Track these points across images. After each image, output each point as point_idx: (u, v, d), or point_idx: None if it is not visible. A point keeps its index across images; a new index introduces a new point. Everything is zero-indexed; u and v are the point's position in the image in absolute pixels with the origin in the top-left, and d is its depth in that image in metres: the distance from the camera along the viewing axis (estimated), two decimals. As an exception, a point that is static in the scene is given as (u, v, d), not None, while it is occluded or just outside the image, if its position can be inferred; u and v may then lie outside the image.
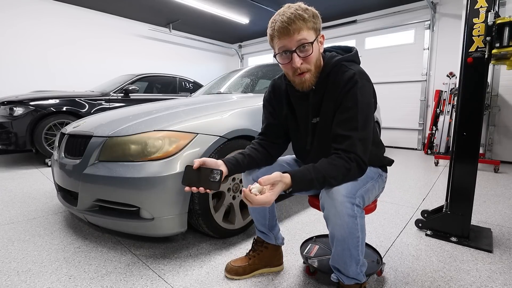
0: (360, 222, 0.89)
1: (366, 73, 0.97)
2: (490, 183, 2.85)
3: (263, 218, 1.22)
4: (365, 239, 0.93)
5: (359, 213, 0.89)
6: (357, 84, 0.91)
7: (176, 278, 1.25)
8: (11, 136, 3.30)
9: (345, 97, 0.93)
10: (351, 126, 0.91)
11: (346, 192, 0.88)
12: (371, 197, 1.03)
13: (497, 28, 1.40)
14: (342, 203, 0.86)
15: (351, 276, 0.96)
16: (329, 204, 0.88)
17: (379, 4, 5.20)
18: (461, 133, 1.57)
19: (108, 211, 1.44)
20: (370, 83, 0.97)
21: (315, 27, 0.92)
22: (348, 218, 0.86)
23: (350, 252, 0.90)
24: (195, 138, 1.42)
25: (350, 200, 0.87)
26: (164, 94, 4.72)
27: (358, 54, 1.04)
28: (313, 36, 0.91)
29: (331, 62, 0.98)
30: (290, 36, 0.89)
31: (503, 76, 3.86)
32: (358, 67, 0.98)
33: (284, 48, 0.92)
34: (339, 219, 0.86)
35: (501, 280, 1.23)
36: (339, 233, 0.88)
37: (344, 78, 0.93)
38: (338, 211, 0.86)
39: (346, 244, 0.89)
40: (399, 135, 5.42)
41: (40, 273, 1.27)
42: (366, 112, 0.92)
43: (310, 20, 0.90)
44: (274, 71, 2.66)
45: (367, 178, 1.00)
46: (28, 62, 4.78)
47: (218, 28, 6.70)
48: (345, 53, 1.04)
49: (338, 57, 0.99)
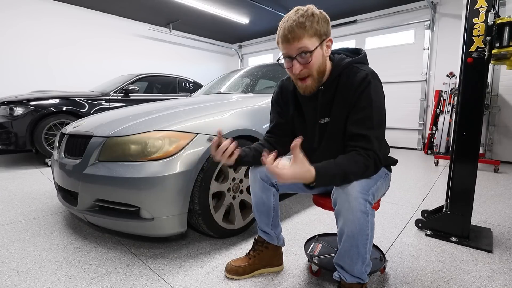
0: (371, 220, 0.90)
1: (377, 73, 0.98)
2: (490, 183, 2.85)
3: (267, 217, 1.22)
4: (373, 238, 0.94)
5: (371, 211, 0.90)
6: (371, 84, 0.93)
7: (176, 278, 1.25)
8: (11, 136, 3.30)
9: (360, 97, 0.94)
10: (367, 125, 0.92)
11: (361, 188, 0.89)
12: (379, 195, 1.04)
13: (497, 28, 1.40)
14: (356, 198, 0.87)
15: (356, 274, 0.96)
16: (343, 199, 0.89)
17: (379, 4, 5.20)
18: (461, 133, 1.57)
19: (108, 211, 1.44)
20: (381, 84, 0.99)
21: (319, 33, 0.92)
22: (361, 214, 0.87)
23: (358, 249, 0.91)
24: (195, 138, 1.42)
25: (364, 196, 0.88)
26: (164, 94, 4.72)
27: (366, 56, 1.06)
28: (315, 43, 0.92)
29: (342, 64, 0.99)
30: (291, 44, 0.92)
31: (503, 76, 3.86)
32: (369, 68, 0.99)
33: (286, 54, 0.95)
34: (351, 215, 0.87)
35: (501, 280, 1.23)
36: (349, 229, 0.89)
37: (357, 79, 0.95)
38: (351, 206, 0.87)
39: (355, 241, 0.90)
40: (399, 135, 5.42)
41: (40, 273, 1.27)
42: (380, 112, 0.94)
43: (313, 27, 0.90)
44: (274, 71, 2.66)
45: (377, 177, 1.00)
46: (28, 62, 4.78)
47: (218, 28, 6.70)
48: (353, 55, 1.05)
49: (348, 59, 1.00)
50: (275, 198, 1.21)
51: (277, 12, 5.34)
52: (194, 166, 1.37)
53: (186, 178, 1.35)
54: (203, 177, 1.41)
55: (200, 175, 1.41)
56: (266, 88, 2.50)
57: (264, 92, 2.42)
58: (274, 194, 1.20)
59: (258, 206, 1.21)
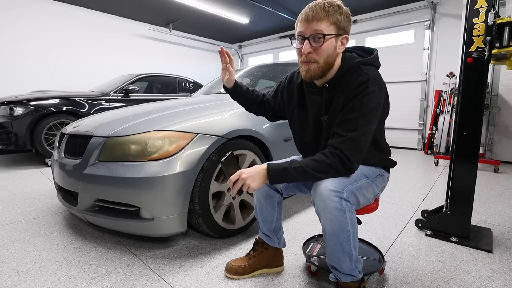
0: (350, 216, 0.90)
1: (380, 79, 0.97)
2: (490, 183, 2.85)
3: (270, 222, 1.22)
4: (357, 234, 0.94)
5: (348, 207, 0.90)
6: (367, 90, 0.92)
7: (176, 278, 1.25)
8: (11, 136, 3.30)
9: (352, 100, 0.94)
10: (347, 127, 0.93)
11: (333, 186, 0.89)
12: (367, 195, 1.03)
13: (497, 28, 1.40)
14: (328, 196, 0.88)
15: (346, 272, 0.97)
16: (317, 198, 0.91)
17: (379, 4, 5.20)
18: (461, 133, 1.57)
19: (108, 211, 1.44)
20: (382, 90, 0.97)
21: (338, 24, 0.93)
22: (336, 212, 0.88)
23: (342, 247, 0.92)
24: (195, 138, 1.42)
25: (337, 194, 0.88)
26: (164, 94, 4.72)
27: (378, 57, 1.05)
28: (332, 31, 0.93)
29: (350, 64, 0.99)
30: (309, 23, 0.93)
31: (503, 76, 3.86)
32: (374, 71, 0.98)
33: (301, 33, 0.96)
34: (327, 213, 0.89)
35: (501, 280, 1.23)
36: (329, 227, 0.90)
37: (357, 82, 0.94)
38: (326, 205, 0.88)
39: (337, 238, 0.91)
40: (399, 135, 5.42)
41: (40, 273, 1.27)
42: (368, 117, 0.93)
43: (334, 16, 0.92)
44: (274, 71, 2.66)
45: (360, 176, 1.00)
46: (28, 62, 4.78)
47: (218, 28, 6.70)
48: (366, 54, 1.04)
49: (358, 59, 0.99)
50: (279, 204, 1.22)
51: (277, 12, 5.34)
52: (194, 166, 1.37)
53: (186, 178, 1.35)
54: (203, 177, 1.41)
55: (200, 175, 1.41)
56: (266, 88, 2.50)
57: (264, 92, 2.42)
58: (278, 199, 1.21)
59: (261, 210, 1.22)
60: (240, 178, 0.93)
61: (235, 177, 0.93)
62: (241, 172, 0.94)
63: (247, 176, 0.92)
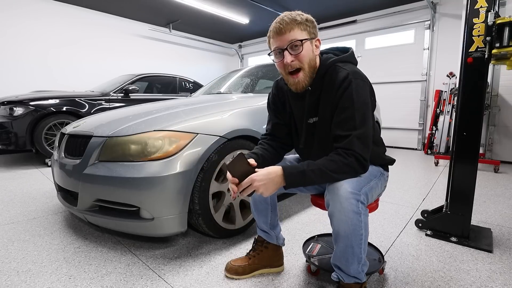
0: (364, 220, 0.90)
1: (361, 72, 0.98)
2: (490, 183, 2.85)
3: (265, 216, 1.22)
4: (368, 237, 0.94)
5: (363, 211, 0.90)
6: (351, 84, 0.93)
7: (176, 278, 1.25)
8: (11, 136, 3.30)
9: (341, 98, 0.94)
10: (349, 126, 0.93)
11: (352, 188, 0.89)
12: (374, 195, 1.04)
13: (497, 28, 1.40)
14: (347, 199, 0.87)
15: (352, 274, 0.96)
16: (334, 200, 0.89)
17: (379, 4, 5.20)
18: (461, 133, 1.57)
19: (108, 211, 1.44)
20: (366, 82, 0.98)
21: (308, 30, 0.97)
22: (353, 215, 0.87)
23: (353, 250, 0.91)
24: (195, 138, 1.42)
25: (355, 196, 0.88)
26: (164, 94, 4.72)
27: (354, 54, 1.06)
28: (305, 36, 0.96)
29: (327, 63, 1.01)
30: (282, 35, 0.95)
31: (503, 76, 3.86)
32: (352, 67, 0.99)
33: (278, 47, 0.97)
34: (344, 215, 0.87)
35: (501, 280, 1.23)
36: (343, 230, 0.89)
37: (338, 78, 0.96)
38: (343, 207, 0.87)
39: (350, 241, 0.90)
40: (399, 135, 5.42)
41: (40, 273, 1.27)
42: (363, 111, 0.93)
43: (303, 23, 0.96)
44: (274, 71, 2.65)
45: (370, 176, 1.00)
46: (28, 62, 4.78)
47: (218, 28, 6.70)
48: (342, 53, 1.06)
49: (333, 58, 1.01)
50: (273, 197, 1.22)
51: (277, 12, 5.34)
52: (194, 166, 1.37)
53: (186, 178, 1.35)
54: (203, 177, 1.41)
55: (200, 175, 1.41)
56: (266, 88, 2.50)
57: (264, 92, 2.42)
58: None
59: (256, 205, 1.22)
60: (252, 185, 0.90)
61: (246, 183, 0.91)
62: (253, 179, 0.90)
63: (259, 184, 0.89)
